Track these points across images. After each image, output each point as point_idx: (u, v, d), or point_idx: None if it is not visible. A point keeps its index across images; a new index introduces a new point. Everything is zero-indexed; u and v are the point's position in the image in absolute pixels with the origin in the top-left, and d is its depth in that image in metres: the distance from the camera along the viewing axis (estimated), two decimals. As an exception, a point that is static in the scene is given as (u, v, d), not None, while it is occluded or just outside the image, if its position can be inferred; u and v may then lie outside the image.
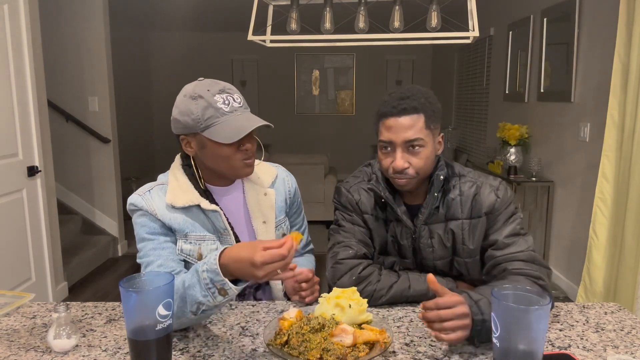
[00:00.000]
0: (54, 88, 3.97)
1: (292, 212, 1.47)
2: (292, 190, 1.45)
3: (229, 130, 1.18)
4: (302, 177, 5.64)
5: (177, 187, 1.26)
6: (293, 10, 1.81)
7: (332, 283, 1.27)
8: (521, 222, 1.26)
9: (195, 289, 1.03)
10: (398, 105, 1.19)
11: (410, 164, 1.20)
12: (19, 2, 2.80)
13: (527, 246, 1.22)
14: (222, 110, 1.20)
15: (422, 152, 1.20)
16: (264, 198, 1.36)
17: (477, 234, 1.26)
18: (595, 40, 3.08)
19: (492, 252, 1.24)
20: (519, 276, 1.16)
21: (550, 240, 3.68)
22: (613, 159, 2.46)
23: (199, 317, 1.08)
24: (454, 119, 6.48)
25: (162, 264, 1.20)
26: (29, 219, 2.90)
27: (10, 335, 1.13)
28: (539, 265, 1.19)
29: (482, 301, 1.02)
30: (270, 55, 7.47)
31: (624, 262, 2.39)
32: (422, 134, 1.19)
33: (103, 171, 4.35)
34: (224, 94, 1.22)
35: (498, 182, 1.29)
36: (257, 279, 0.97)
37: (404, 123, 1.18)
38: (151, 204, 1.24)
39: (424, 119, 1.19)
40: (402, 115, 1.19)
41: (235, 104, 1.22)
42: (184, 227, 1.24)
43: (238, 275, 1.00)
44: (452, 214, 1.27)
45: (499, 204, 1.25)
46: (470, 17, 1.69)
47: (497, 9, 4.78)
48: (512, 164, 3.81)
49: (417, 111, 1.19)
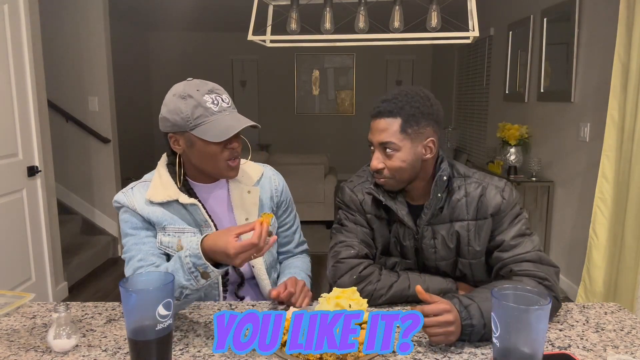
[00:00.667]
0: (54, 88, 3.97)
1: (281, 211, 1.48)
2: (280, 189, 1.46)
3: (218, 130, 1.22)
4: (302, 177, 5.65)
5: (159, 184, 1.31)
6: (293, 10, 1.81)
7: (332, 282, 1.27)
8: (526, 223, 1.26)
9: (178, 274, 1.09)
10: (377, 107, 1.22)
11: (385, 166, 1.22)
12: (19, 2, 2.80)
13: (533, 246, 1.21)
14: (211, 109, 1.23)
15: (395, 156, 1.21)
16: (248, 195, 1.39)
17: (483, 235, 1.26)
18: (595, 40, 3.08)
19: (498, 254, 1.24)
20: (525, 277, 1.16)
21: (550, 240, 3.68)
22: (613, 159, 2.46)
23: (182, 303, 1.14)
24: (454, 119, 6.48)
25: (143, 258, 1.25)
26: (29, 219, 2.90)
27: (10, 335, 1.13)
28: (547, 265, 1.19)
29: (472, 306, 1.04)
30: (270, 55, 7.47)
31: (624, 262, 2.39)
32: (394, 138, 1.19)
33: (103, 171, 4.35)
34: (212, 94, 1.25)
35: (503, 184, 1.28)
36: (235, 265, 1.07)
37: (379, 126, 1.21)
38: (132, 200, 1.30)
39: (400, 123, 1.19)
40: (378, 118, 1.21)
41: (224, 104, 1.26)
42: (162, 220, 1.29)
43: (217, 260, 1.08)
44: (457, 215, 1.27)
45: (505, 205, 1.25)
46: (470, 17, 1.69)
47: (497, 9, 4.78)
48: (512, 164, 3.81)
49: (392, 115, 1.19)
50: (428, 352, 1.03)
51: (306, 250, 1.59)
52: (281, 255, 1.53)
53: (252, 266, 1.38)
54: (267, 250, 1.07)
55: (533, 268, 1.17)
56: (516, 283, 1.12)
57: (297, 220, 1.54)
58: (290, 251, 1.53)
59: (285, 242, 1.52)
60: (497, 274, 1.24)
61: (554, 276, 1.18)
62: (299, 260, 1.53)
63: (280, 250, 1.52)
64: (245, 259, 1.04)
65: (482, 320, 1.03)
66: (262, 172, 1.45)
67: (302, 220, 1.64)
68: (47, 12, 3.72)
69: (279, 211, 1.47)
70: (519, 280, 1.15)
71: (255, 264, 1.38)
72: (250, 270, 1.39)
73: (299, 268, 1.47)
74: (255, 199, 1.39)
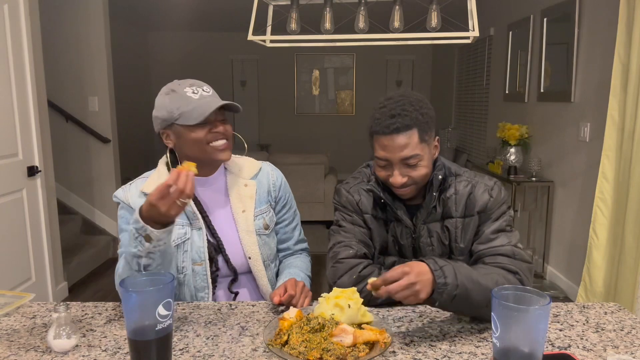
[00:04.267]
0: (54, 88, 3.97)
1: (280, 206, 1.49)
2: (278, 184, 1.47)
3: (197, 113, 1.26)
4: (302, 177, 5.66)
5: (155, 177, 1.35)
6: (293, 10, 1.81)
7: (332, 282, 1.28)
8: (509, 220, 1.28)
9: (130, 246, 1.14)
10: (390, 125, 1.16)
11: (409, 177, 1.21)
12: (19, 2, 2.80)
13: (509, 241, 1.23)
14: (191, 98, 1.28)
15: (420, 165, 1.20)
16: (245, 189, 1.41)
17: (469, 233, 1.28)
18: (595, 40, 3.08)
19: (476, 245, 1.27)
20: (497, 269, 1.18)
21: (550, 240, 3.68)
22: (613, 159, 2.46)
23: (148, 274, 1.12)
24: (454, 119, 6.48)
25: None
26: (29, 219, 2.90)
27: (10, 335, 1.13)
28: (520, 260, 1.21)
29: (447, 267, 1.07)
30: (270, 55, 7.47)
31: (624, 262, 2.39)
32: (417, 149, 1.18)
33: (103, 171, 4.35)
34: (193, 87, 1.30)
35: (493, 182, 1.30)
36: (167, 215, 1.07)
37: (399, 142, 1.17)
38: (127, 195, 1.34)
39: (418, 134, 1.18)
40: (394, 134, 1.17)
41: (205, 93, 1.30)
42: None
43: (157, 221, 1.09)
44: (448, 213, 1.29)
45: (492, 204, 1.27)
46: (470, 17, 1.69)
47: (497, 9, 4.78)
48: (512, 164, 3.81)
49: (409, 128, 1.17)
50: (428, 352, 1.03)
51: (306, 249, 1.59)
52: (281, 253, 1.53)
53: (248, 257, 1.39)
54: (191, 192, 1.06)
55: (506, 262, 1.19)
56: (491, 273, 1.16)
57: (297, 217, 1.55)
58: (289, 248, 1.54)
59: (285, 238, 1.52)
60: (473, 265, 1.25)
61: (526, 272, 1.20)
62: (299, 260, 1.53)
63: (280, 246, 1.53)
64: (170, 204, 1.05)
65: (456, 281, 1.06)
66: (260, 167, 1.47)
67: (302, 220, 1.64)
68: (47, 12, 3.72)
69: (277, 207, 1.48)
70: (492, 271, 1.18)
71: (251, 256, 1.38)
72: (246, 265, 1.39)
73: (298, 268, 1.48)
74: (252, 192, 1.41)
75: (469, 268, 1.12)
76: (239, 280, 1.41)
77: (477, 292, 1.08)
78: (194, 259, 1.33)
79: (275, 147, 7.79)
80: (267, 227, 1.43)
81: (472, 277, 1.09)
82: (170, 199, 1.05)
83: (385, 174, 1.23)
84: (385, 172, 1.23)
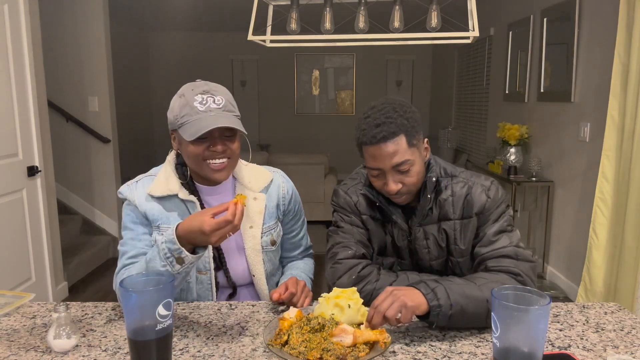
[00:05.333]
0: (54, 88, 3.97)
1: (289, 219, 1.46)
2: (288, 197, 1.43)
3: (194, 129, 1.20)
4: (302, 177, 5.66)
5: (163, 178, 1.31)
6: (293, 10, 1.81)
7: (331, 283, 1.27)
8: (510, 220, 1.27)
9: (155, 261, 1.11)
10: (377, 134, 1.15)
11: (404, 183, 1.20)
12: (19, 2, 2.80)
13: (510, 242, 1.22)
14: (196, 109, 1.21)
15: (412, 170, 1.19)
16: (253, 202, 1.35)
17: (469, 234, 1.27)
18: (595, 40, 3.08)
19: (478, 249, 1.26)
20: (499, 273, 1.18)
21: (550, 240, 3.68)
22: (613, 159, 2.46)
23: None
24: (454, 119, 6.48)
25: (135, 255, 1.26)
26: (29, 219, 2.90)
27: (10, 335, 1.13)
28: (522, 260, 1.20)
29: (438, 288, 1.07)
30: (270, 55, 7.47)
31: (624, 262, 2.39)
32: (407, 155, 1.17)
33: (103, 171, 4.35)
34: (205, 95, 1.23)
35: (490, 182, 1.29)
36: (212, 244, 1.07)
37: (388, 150, 1.16)
38: (134, 194, 1.30)
39: (406, 139, 1.17)
40: (381, 143, 1.15)
41: (213, 105, 1.22)
42: (157, 218, 1.29)
43: (195, 243, 1.09)
44: (445, 215, 1.28)
45: (490, 204, 1.26)
46: (470, 17, 1.69)
47: (497, 9, 4.78)
48: (512, 164, 3.81)
49: (396, 135, 1.16)
50: (428, 352, 1.03)
51: (311, 254, 1.58)
52: (286, 259, 1.52)
53: (252, 275, 1.37)
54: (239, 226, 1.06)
55: (509, 264, 1.19)
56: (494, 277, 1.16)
57: (305, 227, 1.52)
58: (295, 257, 1.53)
59: (291, 248, 1.50)
60: (476, 269, 1.25)
61: (529, 271, 1.19)
62: (302, 262, 1.52)
63: (286, 255, 1.51)
64: (222, 236, 1.05)
65: (449, 301, 1.05)
66: (271, 178, 1.41)
67: (302, 221, 1.63)
68: (47, 12, 3.72)
69: (286, 219, 1.45)
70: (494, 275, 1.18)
71: (255, 273, 1.36)
72: (248, 277, 1.38)
73: (300, 269, 1.47)
74: (261, 206, 1.36)
75: (462, 283, 1.11)
76: (238, 293, 1.39)
77: (474, 306, 1.08)
78: (199, 268, 1.31)
79: (275, 147, 7.80)
80: (274, 243, 1.39)
81: (466, 293, 1.08)
82: (224, 231, 1.04)
83: (380, 182, 1.22)
84: (379, 181, 1.22)
